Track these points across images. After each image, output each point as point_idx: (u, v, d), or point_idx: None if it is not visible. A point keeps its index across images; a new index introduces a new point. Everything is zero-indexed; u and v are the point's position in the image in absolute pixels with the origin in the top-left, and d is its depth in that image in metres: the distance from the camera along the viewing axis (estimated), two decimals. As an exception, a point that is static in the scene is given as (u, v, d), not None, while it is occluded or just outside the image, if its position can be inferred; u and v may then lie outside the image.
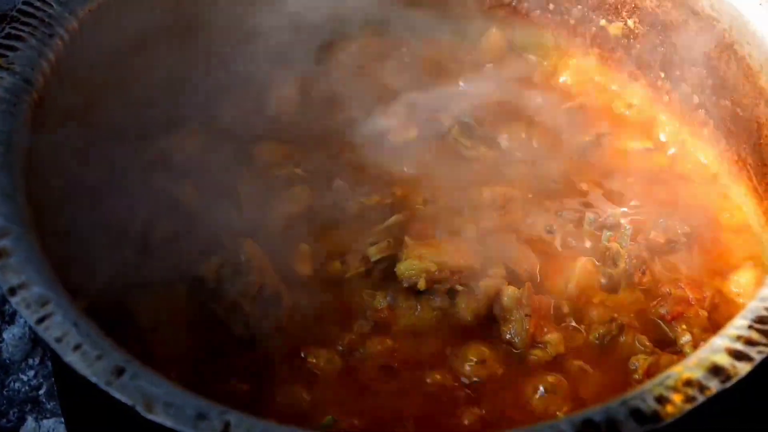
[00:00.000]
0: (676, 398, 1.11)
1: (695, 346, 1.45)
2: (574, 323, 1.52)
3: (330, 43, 1.92)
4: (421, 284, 1.52)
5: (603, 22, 1.89)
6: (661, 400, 1.11)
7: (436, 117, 1.81)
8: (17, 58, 1.45)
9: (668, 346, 1.50)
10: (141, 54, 1.71)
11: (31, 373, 1.84)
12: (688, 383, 1.12)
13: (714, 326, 1.49)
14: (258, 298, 1.51)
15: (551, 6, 1.93)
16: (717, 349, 1.16)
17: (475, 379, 1.45)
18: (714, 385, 1.12)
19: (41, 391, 1.83)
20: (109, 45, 1.64)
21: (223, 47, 1.87)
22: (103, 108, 1.61)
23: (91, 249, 1.48)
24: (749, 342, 1.16)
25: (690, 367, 1.14)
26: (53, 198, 1.46)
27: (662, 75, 1.83)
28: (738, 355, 1.15)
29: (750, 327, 1.18)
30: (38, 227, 1.29)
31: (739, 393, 1.15)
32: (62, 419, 1.77)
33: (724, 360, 1.15)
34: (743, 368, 1.14)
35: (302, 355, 1.46)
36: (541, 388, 1.43)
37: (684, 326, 1.51)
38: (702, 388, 1.12)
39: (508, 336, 1.49)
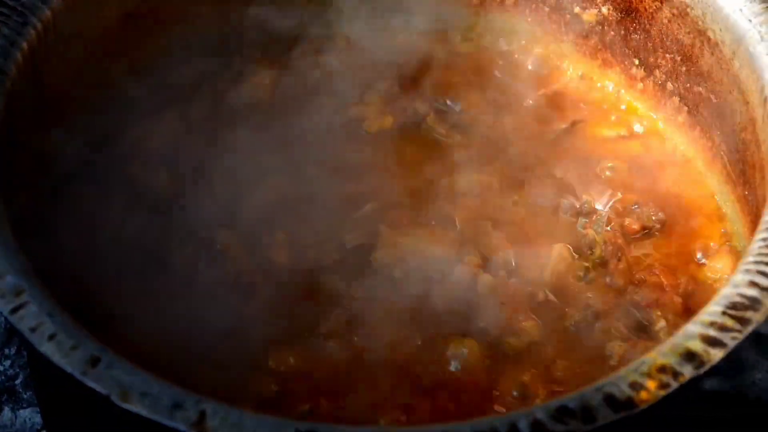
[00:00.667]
0: (651, 384, 1.11)
1: (670, 332, 1.46)
2: (549, 311, 1.52)
3: (306, 32, 1.91)
4: (397, 272, 1.52)
5: (577, 9, 1.88)
6: (636, 386, 1.11)
7: (412, 105, 1.81)
8: (-11, 47, 1.44)
9: (643, 333, 1.50)
10: (114, 43, 1.70)
11: (8, 362, 1.83)
12: (662, 369, 1.13)
13: (689, 312, 1.49)
14: (234, 287, 1.51)
15: (526, -8, 1.94)
16: (691, 335, 1.17)
17: (450, 367, 1.45)
18: (687, 372, 1.13)
19: (18, 381, 1.82)
20: (83, 34, 1.63)
21: (198, 36, 1.86)
22: (77, 97, 1.60)
23: (64, 238, 1.47)
24: (723, 328, 1.17)
25: (664, 353, 1.15)
26: (26, 187, 1.45)
27: (636, 62, 1.83)
28: (711, 342, 1.16)
29: (723, 313, 1.18)
30: (11, 217, 1.28)
31: (713, 379, 1.15)
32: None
33: (697, 346, 1.15)
34: (716, 354, 1.14)
35: (278, 344, 1.46)
36: (516, 376, 1.43)
37: (659, 312, 1.51)
38: (676, 374, 1.12)
39: (482, 324, 1.49)
